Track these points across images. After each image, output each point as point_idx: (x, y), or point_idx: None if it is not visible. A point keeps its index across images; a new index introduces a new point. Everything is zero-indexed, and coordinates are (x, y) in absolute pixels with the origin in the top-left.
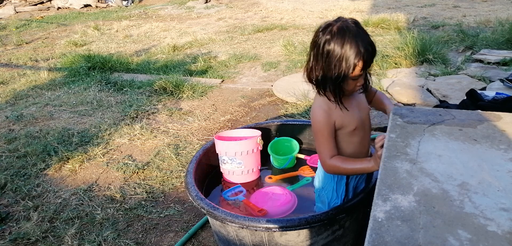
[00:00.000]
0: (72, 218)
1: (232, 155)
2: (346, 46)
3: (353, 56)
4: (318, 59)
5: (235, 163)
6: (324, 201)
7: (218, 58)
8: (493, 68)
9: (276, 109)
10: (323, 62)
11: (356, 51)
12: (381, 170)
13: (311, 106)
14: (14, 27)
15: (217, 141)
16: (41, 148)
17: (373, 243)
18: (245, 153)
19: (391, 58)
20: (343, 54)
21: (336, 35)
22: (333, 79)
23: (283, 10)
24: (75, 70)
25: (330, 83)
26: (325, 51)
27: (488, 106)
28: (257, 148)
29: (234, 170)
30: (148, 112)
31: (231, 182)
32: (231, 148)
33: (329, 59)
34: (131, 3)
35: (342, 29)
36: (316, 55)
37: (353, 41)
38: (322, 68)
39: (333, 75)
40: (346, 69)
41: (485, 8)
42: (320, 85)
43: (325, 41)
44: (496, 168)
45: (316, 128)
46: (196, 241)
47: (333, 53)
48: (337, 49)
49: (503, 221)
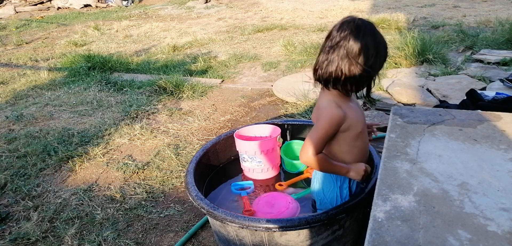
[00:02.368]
0: (72, 218)
1: (252, 154)
2: (378, 37)
3: (385, 48)
4: (347, 50)
5: (255, 161)
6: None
7: (218, 58)
8: (493, 68)
9: (276, 109)
10: (358, 52)
11: (385, 43)
12: (381, 170)
13: (318, 101)
14: (14, 27)
15: (238, 140)
16: (41, 148)
17: (373, 243)
18: (264, 152)
19: (391, 58)
20: (377, 45)
21: (366, 28)
22: (373, 69)
23: (283, 10)
24: (75, 70)
25: (365, 75)
26: (359, 42)
27: (488, 106)
28: (277, 146)
29: (254, 168)
30: (148, 112)
31: (251, 178)
32: (252, 147)
33: (367, 51)
34: (131, 3)
35: (365, 23)
36: (348, 48)
37: (380, 35)
38: (352, 61)
39: (369, 66)
40: (380, 61)
41: (485, 8)
42: (338, 80)
43: (357, 32)
44: (496, 168)
45: (325, 121)
46: (196, 241)
47: (370, 45)
48: (370, 40)
49: (503, 221)
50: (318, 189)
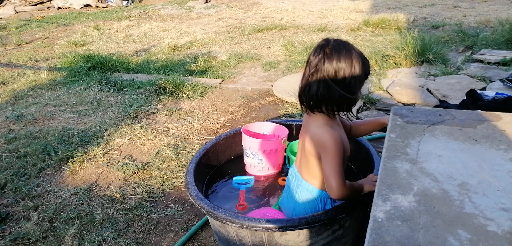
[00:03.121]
0: (72, 218)
1: (255, 151)
2: (354, 56)
3: (363, 65)
4: (324, 74)
5: (257, 158)
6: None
7: (218, 58)
8: (493, 68)
9: (276, 109)
10: (335, 74)
11: (364, 60)
12: (381, 170)
13: (307, 127)
14: (14, 27)
15: (245, 135)
16: (41, 148)
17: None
18: (268, 151)
19: (391, 58)
20: (354, 63)
21: (340, 49)
22: (353, 88)
23: (283, 10)
24: (75, 70)
25: (345, 95)
26: (335, 64)
27: (488, 106)
28: (281, 148)
29: (255, 165)
30: (148, 112)
31: (251, 174)
32: (256, 145)
33: (344, 71)
34: (131, 3)
35: (340, 44)
36: (324, 71)
37: (357, 53)
38: (330, 84)
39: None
40: (360, 78)
41: (485, 8)
42: (323, 101)
43: (333, 54)
44: (496, 168)
45: (331, 150)
46: (196, 241)
47: (346, 64)
48: (346, 60)
49: (503, 221)
50: (300, 211)
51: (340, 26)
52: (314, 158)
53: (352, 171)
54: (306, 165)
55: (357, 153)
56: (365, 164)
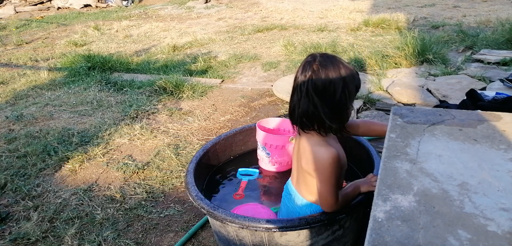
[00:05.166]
0: (72, 218)
1: (263, 144)
2: (343, 70)
3: (353, 78)
4: (315, 91)
5: (264, 151)
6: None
7: (218, 58)
8: (493, 68)
9: (276, 109)
10: (324, 91)
11: (353, 73)
12: (381, 170)
13: (300, 147)
14: (14, 27)
15: (257, 128)
16: (41, 148)
17: (373, 243)
18: (274, 146)
19: (391, 58)
20: (343, 77)
21: (327, 65)
22: (336, 106)
23: (283, 10)
24: (75, 70)
25: (336, 111)
26: (323, 81)
27: (488, 106)
28: (288, 145)
29: (263, 157)
30: (148, 112)
31: (262, 168)
32: (263, 138)
33: (333, 86)
34: (131, 3)
35: (327, 60)
36: (312, 88)
37: (345, 67)
38: (318, 101)
39: (336, 102)
40: (349, 92)
41: (485, 8)
42: (314, 119)
43: (320, 71)
44: (496, 168)
45: (327, 171)
46: (196, 241)
47: (335, 80)
48: (334, 75)
49: (503, 221)
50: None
51: (340, 26)
52: (312, 178)
53: (352, 171)
54: (305, 183)
55: (357, 153)
56: (365, 164)
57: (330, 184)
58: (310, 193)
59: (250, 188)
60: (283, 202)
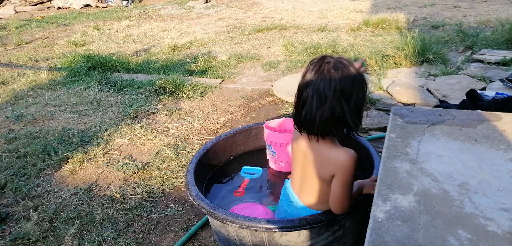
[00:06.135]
0: (72, 218)
1: (268, 142)
2: (351, 69)
3: (361, 77)
4: (342, 95)
5: (270, 150)
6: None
7: (218, 58)
8: (493, 68)
9: (276, 109)
10: (350, 93)
11: (361, 74)
12: (381, 170)
13: (312, 154)
14: (14, 27)
15: (264, 127)
16: (41, 148)
17: (373, 243)
18: (278, 144)
19: (391, 58)
20: (360, 75)
21: (346, 65)
22: (359, 106)
23: (283, 10)
24: (75, 70)
25: (359, 111)
26: (347, 82)
27: (488, 106)
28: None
29: (270, 156)
30: (148, 112)
31: (270, 166)
32: (268, 137)
33: (356, 86)
34: (131, 3)
35: (342, 58)
36: (340, 92)
37: (353, 66)
38: (351, 99)
39: (359, 102)
40: (363, 92)
41: (485, 8)
42: (326, 127)
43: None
44: (496, 168)
45: (349, 174)
46: (196, 241)
47: (358, 78)
48: (354, 74)
49: (503, 221)
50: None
51: (340, 26)
52: (324, 183)
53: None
54: (311, 189)
55: (357, 153)
56: (365, 164)
57: (349, 186)
58: (316, 199)
59: (252, 186)
60: (282, 206)
